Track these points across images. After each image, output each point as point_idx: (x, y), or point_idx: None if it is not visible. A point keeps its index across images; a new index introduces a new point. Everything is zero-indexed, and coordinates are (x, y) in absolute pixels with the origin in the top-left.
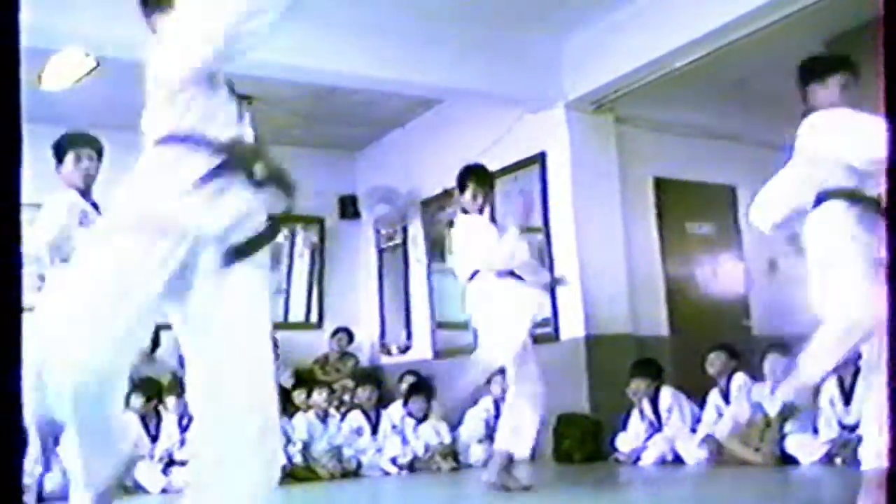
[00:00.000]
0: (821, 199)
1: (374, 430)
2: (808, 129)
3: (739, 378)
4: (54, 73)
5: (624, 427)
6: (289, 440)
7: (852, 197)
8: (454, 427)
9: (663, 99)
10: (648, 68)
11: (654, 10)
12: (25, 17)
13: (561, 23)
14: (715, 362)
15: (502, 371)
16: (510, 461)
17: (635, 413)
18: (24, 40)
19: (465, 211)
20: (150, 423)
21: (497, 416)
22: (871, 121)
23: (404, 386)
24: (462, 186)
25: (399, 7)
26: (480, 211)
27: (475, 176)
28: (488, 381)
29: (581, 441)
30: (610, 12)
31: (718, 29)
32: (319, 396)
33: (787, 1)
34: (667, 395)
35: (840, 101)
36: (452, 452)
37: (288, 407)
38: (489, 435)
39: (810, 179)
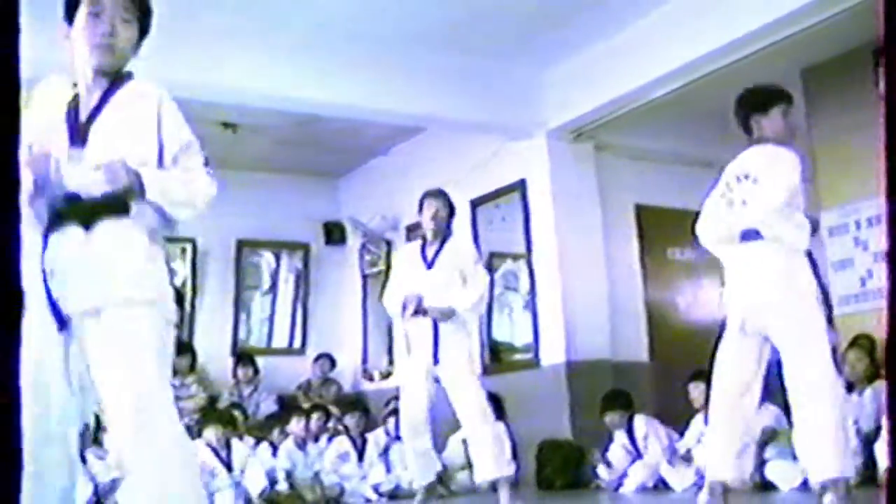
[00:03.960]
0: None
1: (360, 457)
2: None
3: None
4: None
5: (604, 455)
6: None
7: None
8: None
9: (643, 127)
10: (628, 98)
11: (634, 41)
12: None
13: (542, 53)
14: (695, 392)
15: None
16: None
17: (615, 441)
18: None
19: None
20: None
21: None
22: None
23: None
24: (420, 207)
25: (382, 36)
26: (447, 225)
27: (432, 196)
28: None
29: (563, 468)
30: (591, 43)
31: (696, 60)
32: (298, 425)
33: (762, 34)
34: (641, 423)
35: (782, 128)
36: (441, 479)
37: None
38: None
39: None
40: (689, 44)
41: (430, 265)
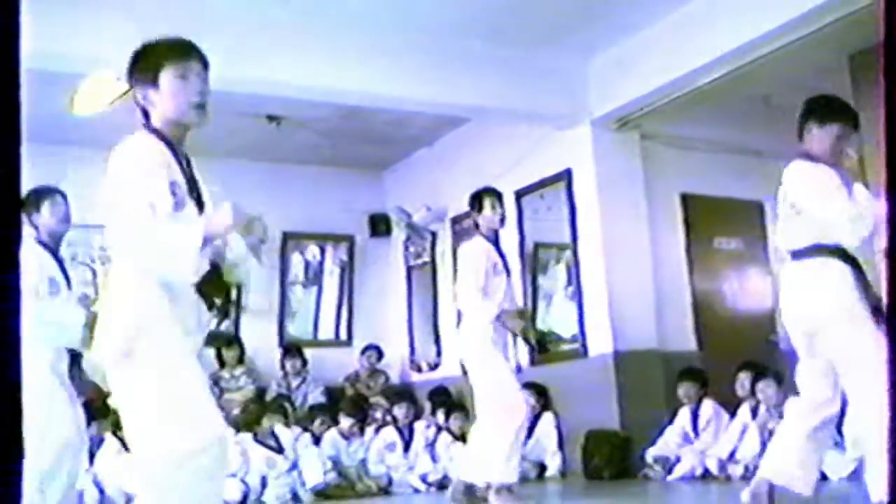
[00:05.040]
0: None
1: (407, 447)
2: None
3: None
4: (85, 98)
5: (654, 442)
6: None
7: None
8: None
9: (687, 116)
10: (673, 86)
11: (678, 28)
12: (55, 43)
13: (586, 41)
14: (744, 382)
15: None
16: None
17: (675, 423)
18: (55, 66)
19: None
20: None
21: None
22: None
23: (440, 404)
24: (480, 204)
25: (425, 27)
26: (502, 222)
27: (497, 195)
28: None
29: (610, 457)
30: (635, 31)
31: (742, 47)
32: (346, 422)
33: (809, 19)
34: (708, 406)
35: (828, 148)
36: None
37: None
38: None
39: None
40: (735, 30)
41: (508, 272)
